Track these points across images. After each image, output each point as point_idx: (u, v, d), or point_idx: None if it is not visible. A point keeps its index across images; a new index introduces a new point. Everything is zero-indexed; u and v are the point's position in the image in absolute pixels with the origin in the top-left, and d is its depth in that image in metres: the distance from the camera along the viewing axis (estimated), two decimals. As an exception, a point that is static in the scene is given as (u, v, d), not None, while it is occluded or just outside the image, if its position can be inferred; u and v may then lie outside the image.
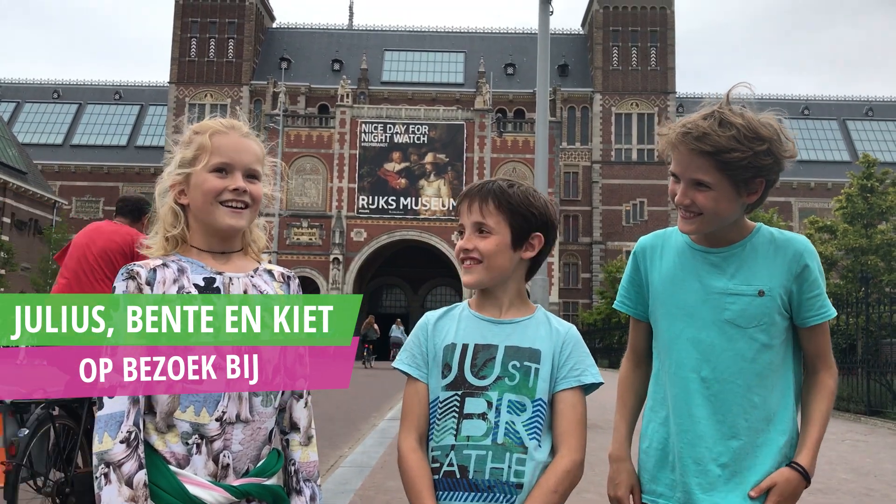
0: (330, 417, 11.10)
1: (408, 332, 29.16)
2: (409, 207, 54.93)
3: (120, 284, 1.74)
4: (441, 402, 1.90)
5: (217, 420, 1.73)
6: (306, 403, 1.94)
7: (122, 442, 1.65)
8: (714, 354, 1.95)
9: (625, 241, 61.42)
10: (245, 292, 1.82)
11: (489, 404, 1.86)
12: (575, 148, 64.12)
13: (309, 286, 52.49)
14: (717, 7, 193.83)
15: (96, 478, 1.65)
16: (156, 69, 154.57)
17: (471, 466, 1.84)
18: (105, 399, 1.66)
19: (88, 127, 69.03)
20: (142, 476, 1.66)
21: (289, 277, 1.94)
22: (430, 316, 2.03)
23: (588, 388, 1.94)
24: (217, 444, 1.74)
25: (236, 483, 1.75)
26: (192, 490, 1.70)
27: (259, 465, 1.80)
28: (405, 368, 1.98)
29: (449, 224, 54.59)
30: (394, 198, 54.97)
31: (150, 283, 1.75)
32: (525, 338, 1.92)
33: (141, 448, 1.68)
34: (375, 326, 33.83)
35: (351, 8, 79.72)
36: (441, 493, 1.86)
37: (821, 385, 1.99)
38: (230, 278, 1.83)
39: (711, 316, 1.96)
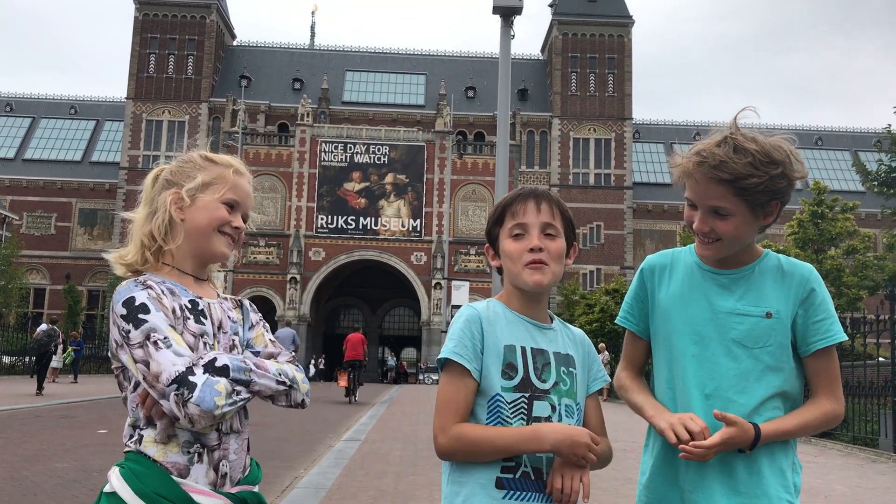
0: (285, 439, 10.97)
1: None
2: (368, 227, 54.86)
3: (140, 293, 1.75)
4: (508, 403, 1.85)
5: (216, 430, 1.80)
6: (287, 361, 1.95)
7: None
8: (718, 373, 1.97)
9: (581, 264, 62.01)
10: (220, 318, 1.90)
11: (552, 408, 1.87)
12: (534, 171, 64.75)
13: (265, 306, 51.94)
14: (675, 33, 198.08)
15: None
16: (113, 84, 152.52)
17: (543, 468, 1.84)
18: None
19: (42, 141, 67.77)
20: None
21: (240, 303, 2.02)
22: (478, 308, 1.92)
23: None
24: (216, 454, 1.80)
25: (234, 490, 1.81)
26: (197, 498, 1.74)
27: (247, 473, 1.88)
28: (459, 360, 1.84)
29: (408, 244, 54.56)
30: (353, 217, 54.86)
31: (159, 297, 1.79)
32: (561, 343, 1.96)
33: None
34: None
35: (312, 28, 79.38)
36: (517, 492, 1.82)
37: (816, 402, 1.97)
38: (209, 304, 1.90)
39: (718, 335, 1.98)
